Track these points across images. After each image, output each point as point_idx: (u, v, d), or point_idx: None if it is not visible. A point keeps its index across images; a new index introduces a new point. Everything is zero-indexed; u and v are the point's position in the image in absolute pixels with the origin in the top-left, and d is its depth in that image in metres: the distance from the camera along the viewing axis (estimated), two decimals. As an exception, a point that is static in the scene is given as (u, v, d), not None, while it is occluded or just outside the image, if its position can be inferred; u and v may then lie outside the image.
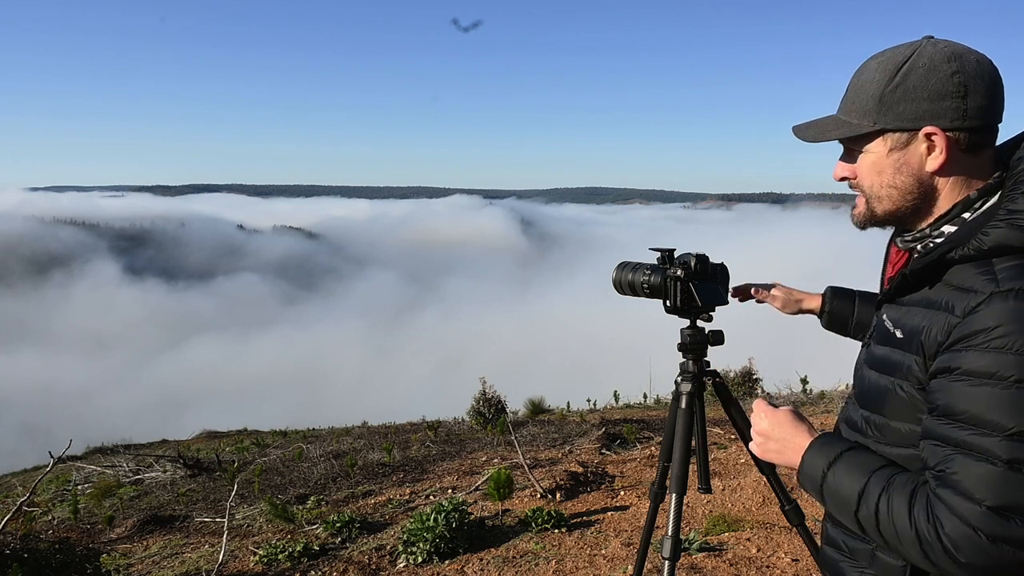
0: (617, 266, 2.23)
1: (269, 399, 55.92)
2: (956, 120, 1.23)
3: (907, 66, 1.26)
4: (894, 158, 1.30)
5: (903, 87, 1.26)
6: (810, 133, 1.39)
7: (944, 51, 1.24)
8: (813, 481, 1.34)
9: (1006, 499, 1.08)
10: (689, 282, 2.06)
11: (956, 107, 1.23)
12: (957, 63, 1.23)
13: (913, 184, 1.30)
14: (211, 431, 18.60)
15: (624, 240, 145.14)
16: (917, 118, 1.25)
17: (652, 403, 14.20)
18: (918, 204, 1.31)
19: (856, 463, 1.29)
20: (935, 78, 1.23)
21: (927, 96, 1.24)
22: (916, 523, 1.15)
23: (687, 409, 2.24)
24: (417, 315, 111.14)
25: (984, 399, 1.10)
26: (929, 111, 1.24)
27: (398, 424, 14.00)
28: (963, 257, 1.21)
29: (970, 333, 1.13)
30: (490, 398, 11.13)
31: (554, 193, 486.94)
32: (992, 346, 1.10)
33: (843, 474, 1.28)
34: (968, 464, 1.11)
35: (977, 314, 1.13)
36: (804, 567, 4.00)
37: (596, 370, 42.59)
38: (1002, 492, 1.08)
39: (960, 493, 1.11)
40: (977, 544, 1.09)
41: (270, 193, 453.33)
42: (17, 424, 51.00)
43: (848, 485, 1.26)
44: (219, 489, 8.35)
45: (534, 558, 4.47)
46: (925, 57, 1.25)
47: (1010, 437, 1.08)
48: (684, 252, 2.12)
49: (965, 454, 1.12)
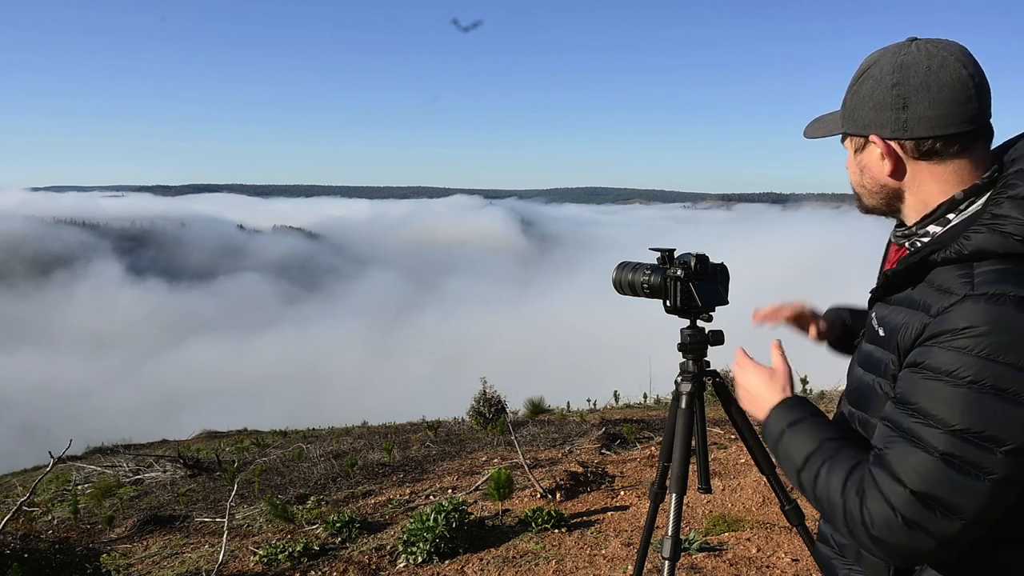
0: (617, 266, 2.23)
1: (269, 399, 55.94)
2: (896, 131, 1.26)
3: (865, 74, 1.31)
4: (858, 160, 1.36)
5: (857, 95, 1.32)
6: (809, 129, 1.46)
7: (898, 60, 1.26)
8: (771, 438, 1.41)
9: (931, 488, 1.11)
10: (689, 282, 2.06)
11: (895, 118, 1.26)
12: (900, 75, 1.25)
13: (876, 185, 1.34)
14: (211, 431, 18.61)
15: (624, 240, 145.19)
16: (865, 125, 1.31)
17: (652, 403, 14.21)
18: (889, 203, 1.36)
19: (812, 429, 1.35)
20: (878, 89, 1.27)
21: (872, 106, 1.29)
22: (846, 494, 1.20)
23: (687, 409, 2.24)
24: (417, 315, 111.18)
25: (937, 394, 1.13)
26: (873, 120, 1.29)
27: (398, 424, 14.01)
28: (945, 260, 1.22)
29: (939, 332, 1.15)
30: (490, 398, 11.13)
31: (554, 193, 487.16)
32: (955, 345, 1.12)
33: (797, 437, 1.35)
34: (907, 450, 1.15)
35: (948, 314, 1.15)
36: (804, 567, 3.99)
37: (596, 370, 42.60)
38: (930, 481, 1.11)
39: (891, 474, 1.15)
40: (892, 524, 1.13)
41: (270, 193, 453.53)
42: (18, 424, 51.03)
43: (798, 448, 1.33)
44: (219, 489, 8.35)
45: (534, 558, 4.47)
46: (878, 67, 1.28)
47: (951, 433, 1.11)
48: (684, 252, 2.11)
49: (907, 440, 1.15)
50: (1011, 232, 1.16)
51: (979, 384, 1.10)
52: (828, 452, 1.28)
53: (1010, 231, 1.16)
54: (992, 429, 1.09)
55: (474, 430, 10.72)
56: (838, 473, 1.23)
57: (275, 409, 39.81)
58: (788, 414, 1.40)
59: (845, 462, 1.24)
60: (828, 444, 1.30)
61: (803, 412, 1.40)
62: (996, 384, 1.09)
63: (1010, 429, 1.09)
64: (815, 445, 1.31)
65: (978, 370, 1.10)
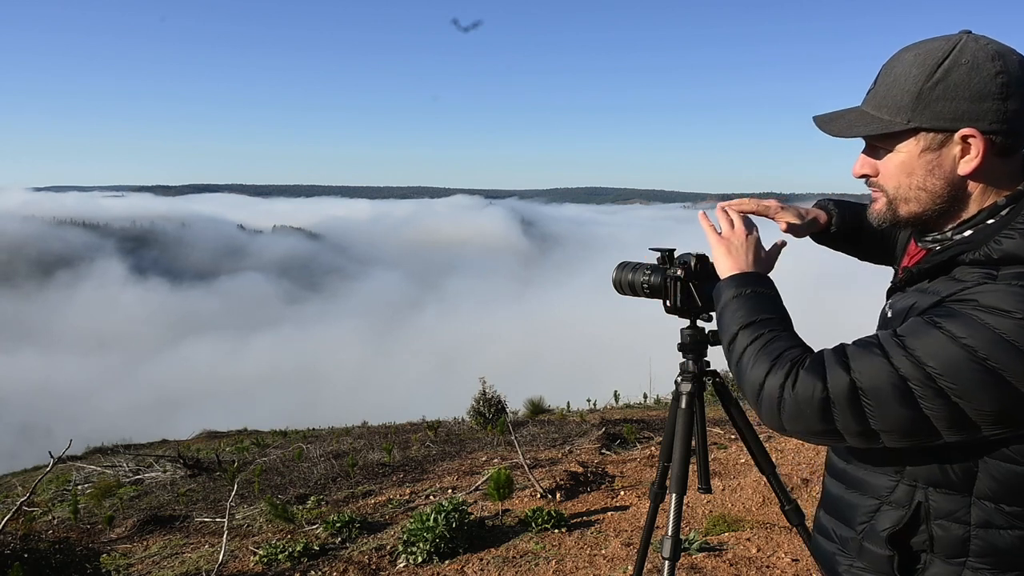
0: (617, 266, 2.23)
1: (270, 399, 55.91)
2: (995, 123, 1.18)
3: (948, 62, 1.19)
4: (926, 159, 1.24)
5: (943, 84, 1.19)
6: (836, 127, 1.31)
7: (988, 49, 1.19)
8: (721, 300, 1.43)
9: (871, 387, 1.14)
10: (689, 282, 2.06)
11: (997, 109, 1.17)
12: (1001, 62, 1.17)
13: (943, 187, 1.25)
14: (211, 431, 18.60)
15: (624, 240, 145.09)
16: (956, 118, 1.19)
17: (652, 403, 14.21)
18: (945, 208, 1.27)
19: (762, 305, 1.37)
20: (978, 77, 1.17)
21: (968, 96, 1.18)
22: (769, 377, 1.23)
23: (687, 409, 2.23)
24: (418, 315, 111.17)
25: (934, 344, 1.12)
26: (969, 112, 1.18)
27: (398, 424, 14.01)
28: (973, 261, 1.20)
29: (965, 299, 1.14)
30: (490, 398, 11.13)
31: (554, 193, 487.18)
32: (977, 317, 1.11)
33: (744, 306, 1.37)
34: (874, 355, 1.16)
35: (978, 288, 1.14)
36: (804, 567, 3.99)
37: (596, 370, 42.57)
38: (875, 383, 1.14)
39: (843, 363, 1.18)
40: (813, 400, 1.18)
41: (270, 193, 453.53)
42: (18, 424, 51.02)
43: (734, 318, 1.36)
44: (219, 489, 8.35)
45: (534, 558, 4.46)
46: (968, 54, 1.18)
47: (922, 368, 1.12)
48: (684, 252, 2.11)
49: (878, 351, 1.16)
50: None
51: (980, 357, 1.09)
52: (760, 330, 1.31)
53: None
54: (961, 388, 1.10)
55: (474, 430, 10.71)
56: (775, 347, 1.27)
57: (276, 409, 39.80)
58: (753, 284, 1.42)
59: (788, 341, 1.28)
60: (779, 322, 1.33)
61: (767, 288, 1.42)
62: (997, 366, 1.08)
63: (977, 396, 1.09)
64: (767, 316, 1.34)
65: (988, 347, 1.09)
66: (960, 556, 1.22)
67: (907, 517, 1.25)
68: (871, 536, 1.30)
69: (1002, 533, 1.20)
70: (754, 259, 1.50)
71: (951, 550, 1.23)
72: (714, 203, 1.72)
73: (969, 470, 1.19)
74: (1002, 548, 1.20)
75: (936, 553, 1.24)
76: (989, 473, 1.18)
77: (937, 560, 1.24)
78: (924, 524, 1.25)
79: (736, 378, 1.33)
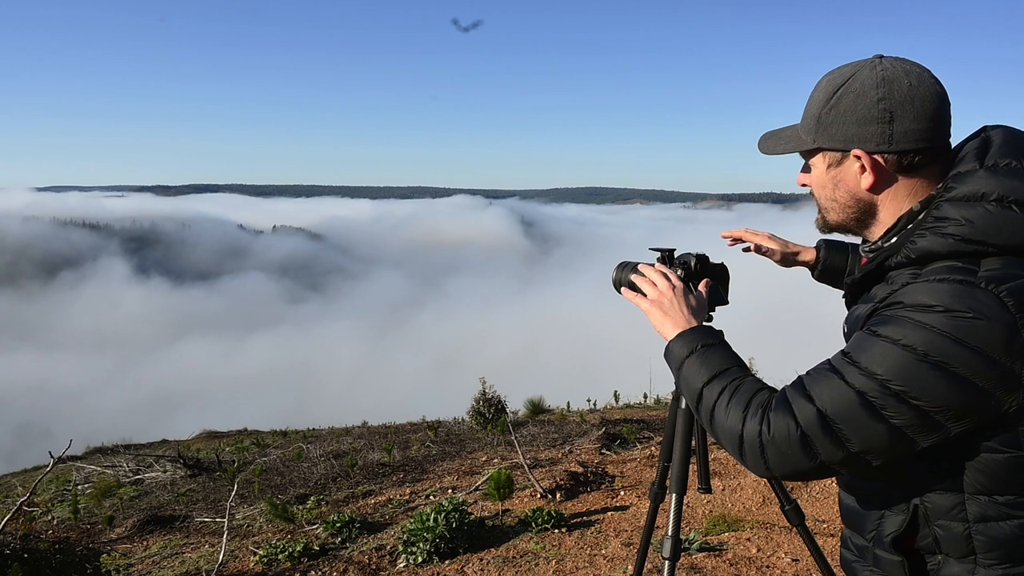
0: (617, 266, 2.22)
1: (270, 399, 55.95)
2: (881, 144, 1.27)
3: (842, 90, 1.30)
4: (832, 174, 1.36)
5: (836, 110, 1.31)
6: (767, 144, 1.47)
7: (878, 75, 1.27)
8: (676, 359, 1.46)
9: (837, 413, 1.18)
10: (689, 282, 2.06)
11: (881, 132, 1.26)
12: (885, 89, 1.26)
13: (850, 199, 1.35)
14: (211, 431, 18.60)
15: (625, 240, 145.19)
16: (847, 140, 1.30)
17: (652, 403, 14.21)
18: (860, 217, 1.37)
19: (714, 357, 1.41)
20: (862, 104, 1.27)
21: (855, 120, 1.28)
22: (747, 411, 1.27)
23: (687, 409, 2.23)
24: (420, 315, 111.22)
25: (878, 353, 1.18)
26: (857, 135, 1.29)
27: (398, 424, 14.01)
28: (897, 264, 1.28)
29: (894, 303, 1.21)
30: (490, 398, 11.13)
31: (555, 193, 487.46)
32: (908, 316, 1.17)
33: (699, 364, 1.41)
34: (829, 379, 1.21)
35: (905, 289, 1.21)
36: (804, 567, 3.99)
37: (596, 370, 42.61)
38: (838, 407, 1.18)
39: (805, 395, 1.22)
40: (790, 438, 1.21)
41: (271, 193, 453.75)
42: (20, 424, 51.07)
43: (709, 367, 1.39)
44: (219, 489, 8.36)
45: (534, 558, 4.46)
46: (858, 82, 1.29)
47: (873, 378, 1.17)
48: (684, 252, 2.11)
49: (833, 374, 1.22)
50: (951, 232, 1.21)
51: (921, 354, 1.14)
52: (727, 381, 1.34)
53: (951, 232, 1.21)
54: (914, 388, 1.14)
55: (474, 430, 10.72)
56: (738, 402, 1.30)
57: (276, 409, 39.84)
58: (692, 341, 1.46)
59: (746, 392, 1.31)
60: (728, 373, 1.36)
61: (710, 339, 1.45)
62: (940, 359, 1.13)
63: (930, 392, 1.14)
64: (714, 372, 1.37)
65: (926, 343, 1.14)
66: (968, 555, 1.24)
67: (907, 521, 1.28)
68: (880, 543, 1.33)
69: (1000, 525, 1.21)
70: (690, 311, 1.55)
71: (958, 549, 1.24)
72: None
73: (955, 467, 1.22)
74: (1003, 540, 1.21)
75: (946, 554, 1.26)
76: (974, 467, 1.21)
77: (950, 560, 1.26)
78: (925, 526, 1.27)
79: (713, 434, 1.36)
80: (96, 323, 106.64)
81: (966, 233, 1.20)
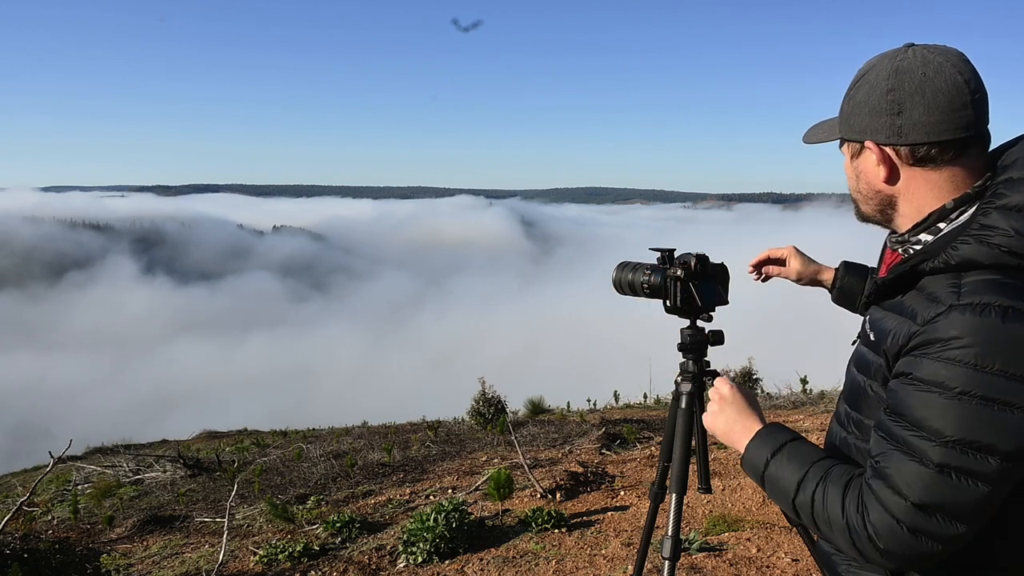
0: (617, 266, 2.22)
1: (271, 399, 55.94)
2: (891, 137, 1.26)
3: (861, 80, 1.30)
4: (855, 166, 1.36)
5: (853, 101, 1.32)
6: (808, 133, 1.49)
7: (892, 65, 1.26)
8: (755, 468, 1.40)
9: (930, 498, 1.13)
10: (689, 282, 2.06)
11: (890, 124, 1.25)
12: (895, 80, 1.24)
13: (871, 191, 1.35)
14: (211, 431, 18.59)
15: (625, 240, 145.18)
16: (860, 131, 1.31)
17: (652, 403, 14.20)
18: (882, 209, 1.36)
19: (798, 454, 1.35)
20: (874, 95, 1.27)
21: (867, 112, 1.28)
22: (847, 511, 1.21)
23: (687, 409, 2.23)
24: (421, 315, 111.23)
25: (928, 405, 1.14)
26: (869, 126, 1.29)
27: (398, 424, 14.00)
28: (933, 269, 1.23)
29: (927, 342, 1.16)
30: (490, 398, 11.12)
31: (555, 193, 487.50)
32: (944, 356, 1.13)
33: (784, 463, 1.34)
34: (903, 461, 1.16)
35: (936, 324, 1.16)
36: (804, 567, 3.99)
37: (596, 370, 42.56)
38: (928, 491, 1.13)
39: (890, 487, 1.16)
40: (898, 534, 1.15)
41: (271, 193, 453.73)
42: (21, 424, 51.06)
43: (788, 475, 1.32)
44: (219, 489, 8.35)
45: (534, 558, 4.46)
46: (874, 72, 1.28)
47: (944, 444, 1.12)
48: (684, 252, 2.11)
49: (903, 452, 1.17)
50: (998, 243, 1.16)
51: (969, 395, 1.11)
52: (819, 473, 1.28)
53: (997, 242, 1.16)
54: (985, 438, 1.11)
55: (474, 430, 10.71)
56: (834, 492, 1.24)
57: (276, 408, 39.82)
58: (770, 442, 1.40)
59: (839, 480, 1.25)
60: (817, 466, 1.30)
61: (784, 437, 1.39)
62: (985, 394, 1.10)
63: (1001, 436, 1.10)
64: (805, 469, 1.31)
65: (967, 381, 1.11)
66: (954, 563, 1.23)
67: None
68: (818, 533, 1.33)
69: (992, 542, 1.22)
70: (752, 409, 1.53)
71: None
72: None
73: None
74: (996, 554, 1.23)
75: None
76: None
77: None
78: None
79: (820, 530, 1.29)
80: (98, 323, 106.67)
81: (1013, 245, 1.15)
